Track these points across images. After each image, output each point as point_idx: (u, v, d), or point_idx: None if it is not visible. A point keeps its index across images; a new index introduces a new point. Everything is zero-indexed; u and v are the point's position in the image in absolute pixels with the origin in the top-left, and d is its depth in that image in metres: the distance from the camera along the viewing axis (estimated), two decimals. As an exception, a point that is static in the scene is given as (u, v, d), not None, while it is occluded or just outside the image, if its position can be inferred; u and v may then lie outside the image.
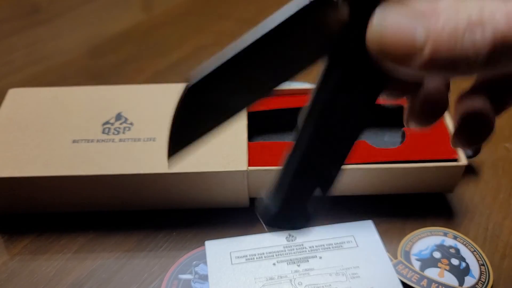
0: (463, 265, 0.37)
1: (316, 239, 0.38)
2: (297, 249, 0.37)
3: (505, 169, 0.45)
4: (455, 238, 0.39)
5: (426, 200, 0.42)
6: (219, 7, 0.71)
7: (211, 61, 0.16)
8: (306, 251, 0.37)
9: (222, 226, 0.40)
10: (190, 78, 0.16)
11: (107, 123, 0.41)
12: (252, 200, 0.41)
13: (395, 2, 0.17)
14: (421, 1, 0.16)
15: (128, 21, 0.67)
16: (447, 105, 0.24)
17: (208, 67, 0.16)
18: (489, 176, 0.44)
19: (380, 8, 0.17)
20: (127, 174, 0.37)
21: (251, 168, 0.38)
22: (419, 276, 0.36)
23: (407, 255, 0.37)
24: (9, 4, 0.72)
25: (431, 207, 0.42)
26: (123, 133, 0.40)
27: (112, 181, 0.38)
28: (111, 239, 0.39)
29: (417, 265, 0.37)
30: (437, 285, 0.35)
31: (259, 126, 0.44)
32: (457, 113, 0.25)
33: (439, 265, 0.37)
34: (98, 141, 0.40)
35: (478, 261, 0.37)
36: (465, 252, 0.38)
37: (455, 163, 0.39)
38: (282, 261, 0.37)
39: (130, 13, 0.71)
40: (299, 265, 0.36)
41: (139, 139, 0.40)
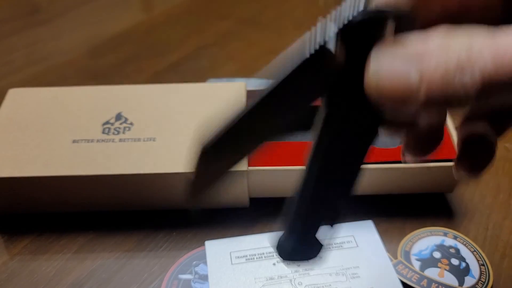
0: (463, 265, 0.37)
1: (316, 239, 0.38)
2: (297, 249, 0.37)
3: (505, 169, 0.45)
4: (455, 238, 0.39)
5: (426, 200, 0.42)
6: (219, 7, 0.71)
7: (222, 119, 0.18)
8: (306, 251, 0.37)
9: (222, 226, 0.40)
10: (203, 137, 0.18)
11: (107, 123, 0.41)
12: (252, 200, 0.41)
13: (388, 45, 0.18)
14: (413, 41, 0.17)
15: (128, 21, 0.67)
16: (442, 137, 0.25)
17: (218, 127, 0.19)
18: (489, 176, 0.44)
19: (374, 52, 0.18)
20: (127, 174, 0.38)
21: (251, 168, 0.38)
22: (419, 276, 0.36)
23: (407, 255, 0.37)
24: (9, 4, 0.72)
25: (431, 207, 0.42)
26: (123, 133, 0.40)
27: (112, 181, 0.38)
28: (111, 239, 0.39)
29: (417, 265, 0.37)
30: (437, 285, 0.35)
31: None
32: (459, 138, 0.25)
33: (439, 265, 0.37)
34: (98, 141, 0.40)
35: (478, 261, 0.37)
36: (465, 252, 0.38)
37: (455, 163, 0.39)
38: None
39: (130, 13, 0.71)
40: (299, 265, 0.36)
41: (139, 139, 0.40)
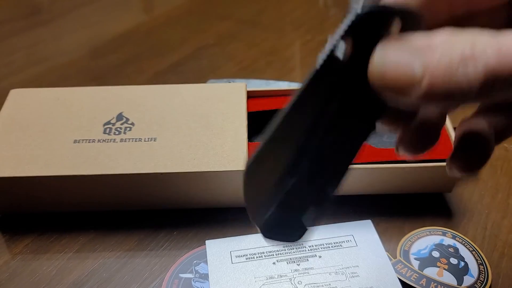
0: (462, 264, 0.37)
1: (315, 238, 0.38)
2: (296, 249, 0.38)
3: (504, 169, 0.45)
4: (454, 237, 0.39)
5: (425, 199, 0.42)
6: (219, 7, 0.71)
7: (260, 138, 0.20)
8: (305, 250, 0.37)
9: (222, 225, 0.40)
10: (247, 157, 0.20)
11: (108, 123, 0.41)
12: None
13: (394, 39, 0.18)
14: (418, 37, 0.18)
15: (128, 22, 0.68)
16: (437, 138, 0.25)
17: (258, 145, 0.21)
18: (487, 176, 0.44)
19: (380, 45, 0.18)
20: (128, 174, 0.38)
21: (251, 168, 0.38)
22: (418, 275, 0.36)
23: (406, 254, 0.38)
24: (10, 5, 0.72)
25: (430, 206, 0.42)
26: (124, 133, 0.40)
27: (113, 181, 0.38)
28: (112, 239, 0.40)
29: (416, 264, 0.37)
30: (436, 284, 0.36)
31: (259, 126, 0.44)
32: (456, 135, 0.25)
33: (438, 264, 0.37)
34: (99, 141, 0.40)
35: (476, 260, 0.37)
36: (464, 251, 0.38)
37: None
38: (282, 260, 0.37)
39: (130, 14, 0.71)
40: (299, 264, 0.36)
41: (140, 139, 0.40)
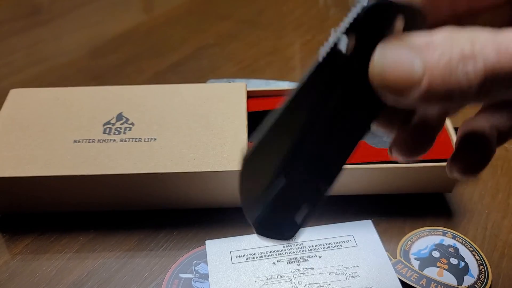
0: (462, 264, 0.37)
1: (315, 238, 0.38)
2: (297, 249, 0.38)
3: (504, 168, 0.45)
4: (454, 237, 0.39)
5: (425, 200, 0.42)
6: (219, 7, 0.71)
7: (257, 133, 0.20)
8: (305, 251, 0.37)
9: (222, 225, 0.40)
10: (244, 152, 0.19)
11: (108, 123, 0.41)
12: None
13: (395, 38, 0.18)
14: (418, 36, 0.18)
15: (128, 22, 0.68)
16: (432, 143, 0.24)
17: (255, 140, 0.20)
18: (488, 176, 0.44)
19: (381, 44, 0.18)
20: (128, 174, 0.38)
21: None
22: (418, 275, 0.36)
23: (406, 254, 0.38)
24: (10, 5, 0.72)
25: (430, 206, 0.42)
26: (124, 133, 0.40)
27: (113, 181, 0.38)
28: (112, 239, 0.40)
29: (416, 264, 0.37)
30: (436, 284, 0.36)
31: (259, 126, 0.44)
32: (458, 136, 0.25)
33: (438, 264, 0.37)
34: (99, 141, 0.40)
35: (477, 260, 0.37)
36: (464, 251, 0.38)
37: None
38: (282, 260, 0.37)
39: (130, 14, 0.71)
40: (299, 264, 0.36)
41: (140, 139, 0.40)
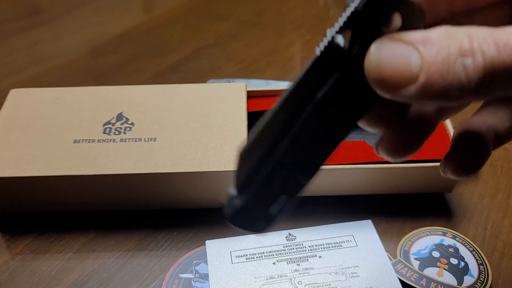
0: (462, 264, 0.37)
1: (315, 238, 0.38)
2: (297, 249, 0.38)
3: (504, 168, 0.45)
4: (454, 237, 0.39)
5: (425, 200, 0.42)
6: (219, 7, 0.71)
7: (254, 128, 0.19)
8: (305, 251, 0.37)
9: (222, 225, 0.40)
10: (241, 145, 0.19)
11: (108, 123, 0.41)
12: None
13: (391, 35, 0.18)
14: (415, 33, 0.17)
15: (128, 22, 0.68)
16: (420, 145, 0.24)
17: (251, 135, 0.19)
18: (488, 175, 0.44)
19: (377, 40, 0.18)
20: (128, 174, 0.38)
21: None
22: (418, 275, 0.36)
23: (406, 254, 0.38)
24: (10, 5, 0.72)
25: (430, 206, 0.42)
26: (124, 133, 0.40)
27: (113, 181, 0.38)
28: (112, 239, 0.40)
29: (416, 264, 0.37)
30: (436, 284, 0.36)
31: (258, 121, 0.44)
32: (453, 135, 0.24)
33: (438, 264, 0.37)
34: (99, 141, 0.40)
35: (477, 260, 0.37)
36: (464, 251, 0.38)
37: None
38: (282, 260, 0.37)
39: (130, 14, 0.71)
40: (299, 264, 0.36)
41: (140, 139, 0.40)
